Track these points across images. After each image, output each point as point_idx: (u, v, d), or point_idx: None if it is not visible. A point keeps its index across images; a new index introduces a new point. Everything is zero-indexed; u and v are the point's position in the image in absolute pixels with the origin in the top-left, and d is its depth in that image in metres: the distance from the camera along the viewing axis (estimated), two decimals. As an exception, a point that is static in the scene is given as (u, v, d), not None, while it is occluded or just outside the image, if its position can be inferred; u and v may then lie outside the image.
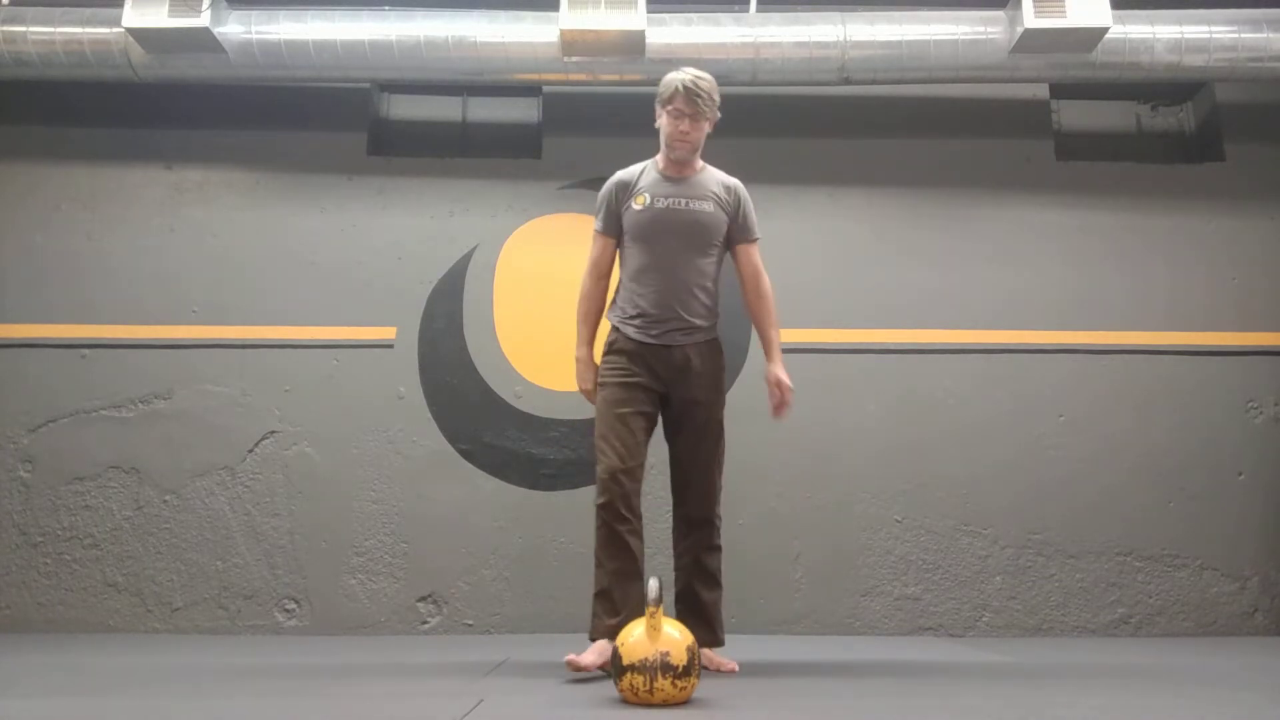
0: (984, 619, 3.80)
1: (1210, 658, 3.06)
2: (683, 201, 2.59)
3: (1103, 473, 3.90)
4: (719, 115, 2.63)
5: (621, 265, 2.69)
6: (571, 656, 2.41)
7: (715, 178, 2.68)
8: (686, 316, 2.58)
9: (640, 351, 2.58)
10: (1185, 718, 1.92)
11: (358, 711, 1.99)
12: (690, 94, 2.53)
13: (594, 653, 2.45)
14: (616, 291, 2.70)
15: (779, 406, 2.64)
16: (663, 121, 2.61)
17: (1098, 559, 3.84)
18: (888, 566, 3.83)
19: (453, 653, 3.09)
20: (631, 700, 2.02)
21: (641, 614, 2.31)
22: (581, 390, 2.69)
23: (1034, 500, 3.88)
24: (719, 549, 2.64)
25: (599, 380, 2.64)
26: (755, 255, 2.70)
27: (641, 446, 2.58)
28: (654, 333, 2.58)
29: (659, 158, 2.67)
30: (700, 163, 2.68)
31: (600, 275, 2.69)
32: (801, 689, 2.28)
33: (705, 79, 2.57)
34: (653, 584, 2.06)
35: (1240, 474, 3.93)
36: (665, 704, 1.99)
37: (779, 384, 2.63)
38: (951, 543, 3.85)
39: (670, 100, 2.56)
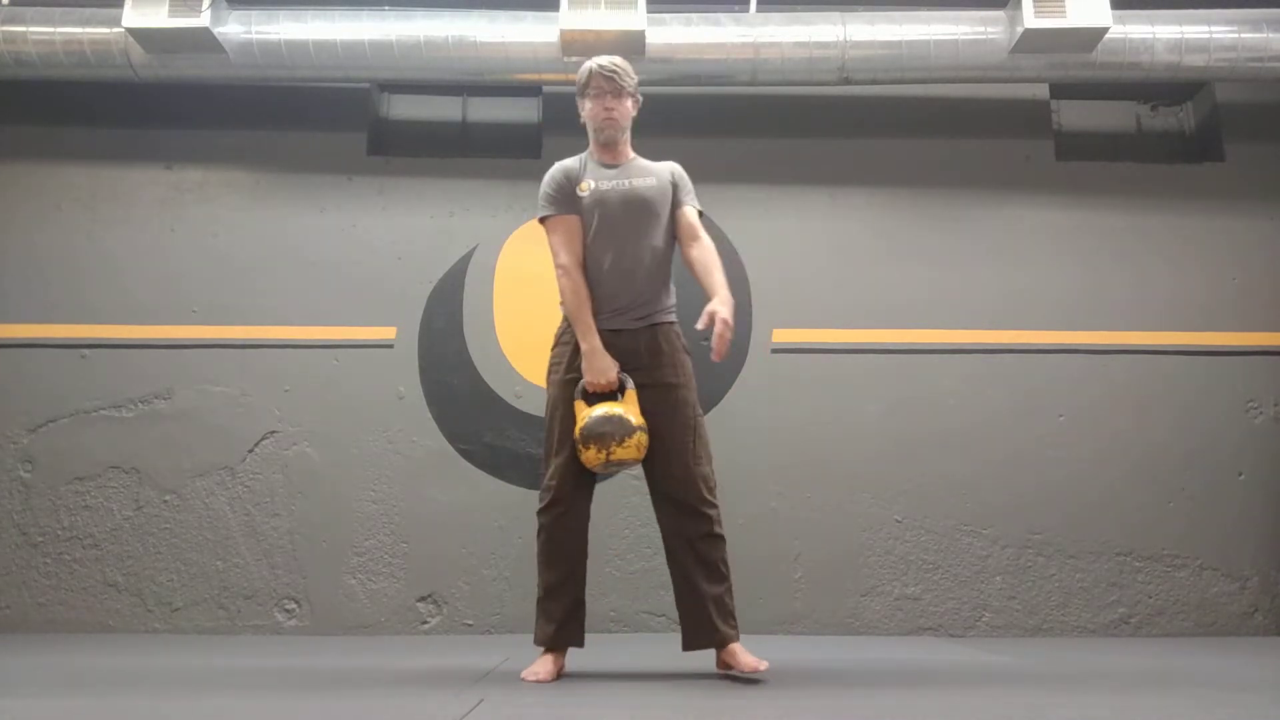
0: (984, 619, 3.80)
1: (1210, 658, 3.06)
2: (625, 182, 2.56)
3: (1103, 473, 3.90)
4: (640, 97, 2.64)
5: None
6: (526, 673, 2.39)
7: (649, 162, 2.66)
8: (644, 295, 2.51)
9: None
10: (1185, 718, 1.92)
11: (358, 711, 1.99)
12: (604, 72, 2.54)
13: (551, 662, 2.42)
14: None
15: (718, 342, 2.37)
16: (586, 109, 2.59)
17: (1098, 559, 3.84)
18: (888, 566, 3.83)
19: (453, 653, 3.09)
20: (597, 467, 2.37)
21: (577, 622, 2.47)
22: (604, 382, 2.43)
23: (1034, 500, 3.88)
24: (719, 537, 2.46)
25: (549, 375, 2.57)
26: (692, 215, 2.61)
27: None
28: (608, 315, 2.49)
29: (590, 150, 2.64)
30: (632, 152, 2.65)
31: (578, 261, 2.52)
32: (802, 689, 2.28)
33: (617, 58, 2.59)
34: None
35: (1240, 474, 3.93)
36: (623, 462, 2.34)
37: (713, 316, 2.38)
38: (951, 543, 3.85)
39: (587, 84, 2.57)
